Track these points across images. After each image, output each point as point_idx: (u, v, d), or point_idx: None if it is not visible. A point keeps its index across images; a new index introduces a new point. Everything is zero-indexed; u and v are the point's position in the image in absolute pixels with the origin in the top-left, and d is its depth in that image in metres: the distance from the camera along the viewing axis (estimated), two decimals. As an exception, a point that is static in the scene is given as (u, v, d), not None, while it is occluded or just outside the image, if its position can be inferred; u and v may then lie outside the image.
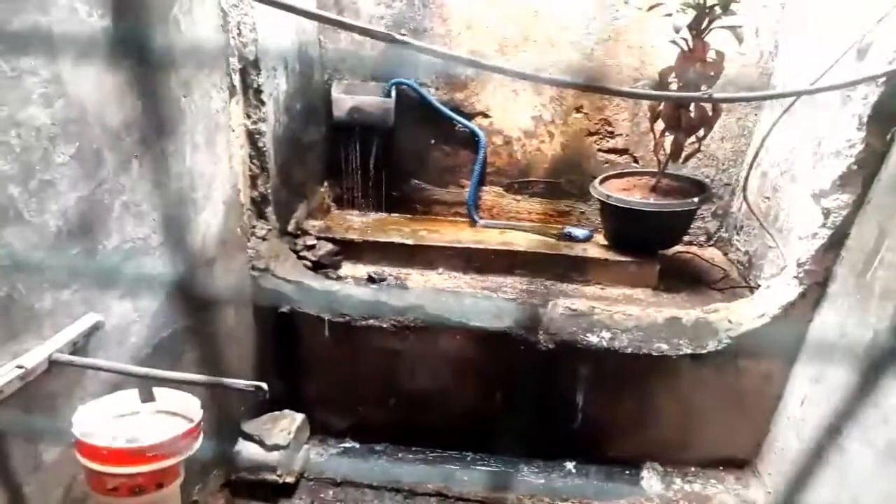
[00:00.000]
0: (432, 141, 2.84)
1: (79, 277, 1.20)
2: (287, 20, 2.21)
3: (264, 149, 2.00)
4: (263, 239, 2.18)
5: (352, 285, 2.28)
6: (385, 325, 2.14)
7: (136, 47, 1.25)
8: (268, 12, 1.81)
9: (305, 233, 2.51)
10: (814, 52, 2.09)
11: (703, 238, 2.87)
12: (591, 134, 2.75)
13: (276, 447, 2.03)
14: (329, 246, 2.48)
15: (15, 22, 0.98)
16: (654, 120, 2.26)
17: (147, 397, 1.15)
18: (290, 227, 2.46)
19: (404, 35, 1.26)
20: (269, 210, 2.14)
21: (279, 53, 2.10)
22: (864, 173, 1.77)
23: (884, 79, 1.60)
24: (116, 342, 1.34)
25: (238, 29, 1.73)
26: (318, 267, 2.40)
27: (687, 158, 2.34)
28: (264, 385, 1.13)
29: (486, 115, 2.77)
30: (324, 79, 2.67)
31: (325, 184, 2.86)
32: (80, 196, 1.17)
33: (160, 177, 1.38)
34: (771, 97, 2.32)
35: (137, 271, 1.39)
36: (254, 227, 2.12)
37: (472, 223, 2.90)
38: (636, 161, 2.77)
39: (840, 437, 1.78)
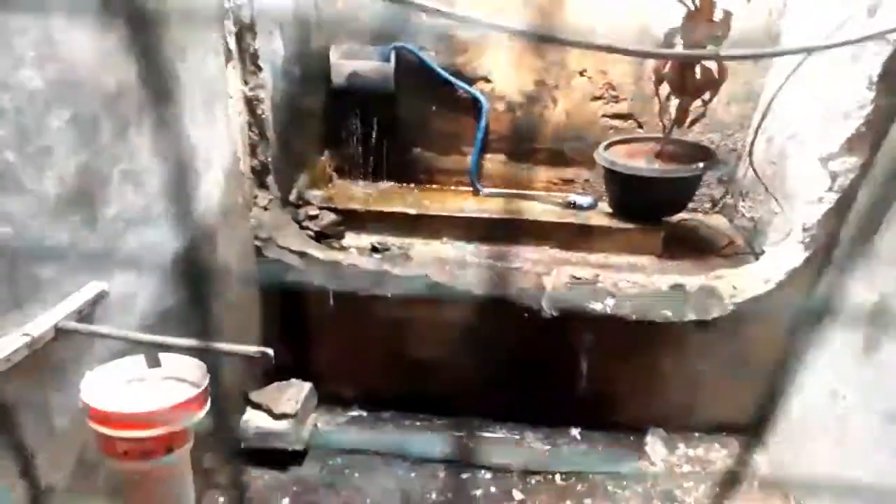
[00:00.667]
0: (433, 107, 2.80)
1: (81, 246, 1.20)
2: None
3: (263, 116, 1.97)
4: (265, 209, 2.17)
5: (356, 255, 2.28)
6: (389, 295, 2.14)
7: (126, 7, 1.22)
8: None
9: (307, 203, 2.50)
10: (823, 11, 2.03)
11: (708, 205, 2.85)
12: (595, 98, 2.70)
13: (285, 416, 2.05)
14: (332, 216, 2.46)
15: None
16: (658, 83, 2.22)
17: (153, 363, 1.15)
18: (292, 197, 2.44)
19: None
20: (270, 179, 2.13)
21: (275, 16, 2.05)
22: (872, 135, 1.75)
23: (894, 35, 1.56)
24: (121, 311, 1.34)
25: (232, -10, 1.69)
26: (321, 237, 2.39)
27: (692, 123, 2.31)
28: (270, 350, 1.13)
29: (487, 80, 2.72)
30: (322, 43, 2.62)
31: (326, 153, 2.83)
32: (79, 163, 1.16)
33: (158, 144, 1.36)
34: (779, 54, 2.27)
35: (140, 241, 1.38)
36: (255, 196, 2.11)
37: (476, 192, 2.87)
38: (641, 126, 2.73)
39: (843, 401, 1.79)
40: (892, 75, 1.65)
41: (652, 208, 2.49)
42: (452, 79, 2.67)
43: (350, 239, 2.51)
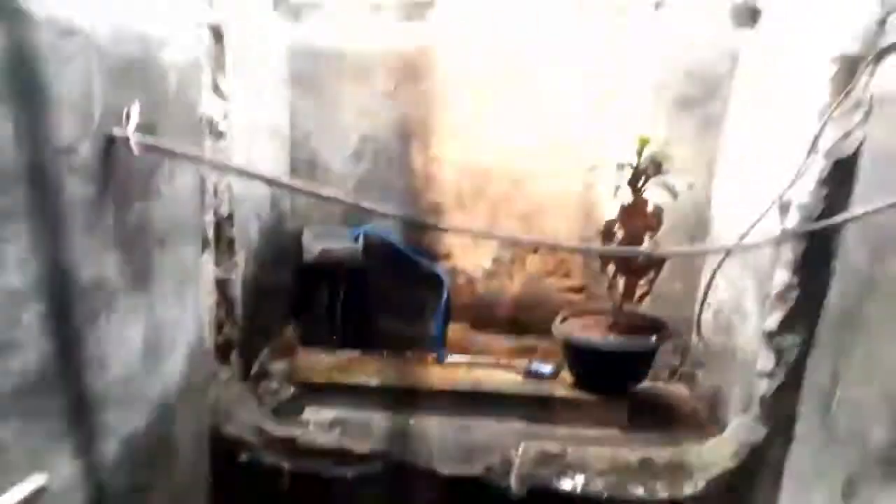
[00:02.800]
0: (399, 281, 2.93)
1: (29, 436, 1.15)
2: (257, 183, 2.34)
3: (233, 296, 2.03)
4: (226, 384, 2.14)
5: (314, 431, 2.21)
6: (349, 475, 2.05)
7: (115, 213, 1.32)
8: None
9: (269, 376, 2.47)
10: (743, 204, 2.31)
11: (667, 373, 2.92)
12: (549, 273, 2.89)
13: None
14: (292, 389, 2.44)
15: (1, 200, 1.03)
16: (605, 264, 2.41)
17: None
18: (254, 371, 2.42)
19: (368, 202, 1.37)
20: (234, 355, 2.13)
21: (253, 206, 2.21)
22: (807, 314, 1.87)
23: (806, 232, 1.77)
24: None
25: (214, 188, 1.85)
26: (280, 412, 2.34)
27: (641, 298, 2.46)
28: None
29: (448, 258, 2.91)
30: (295, 225, 2.80)
31: (292, 324, 2.87)
32: (43, 353, 1.16)
33: (125, 330, 1.38)
34: (701, 252, 2.54)
35: (91, 427, 1.34)
36: (216, 373, 2.09)
37: (439, 360, 2.90)
38: (594, 298, 2.88)
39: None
40: (813, 261, 1.83)
41: (612, 379, 2.54)
42: (416, 257, 2.85)
43: (310, 413, 2.45)
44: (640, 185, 2.22)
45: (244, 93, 2.16)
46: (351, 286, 2.87)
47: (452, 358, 2.89)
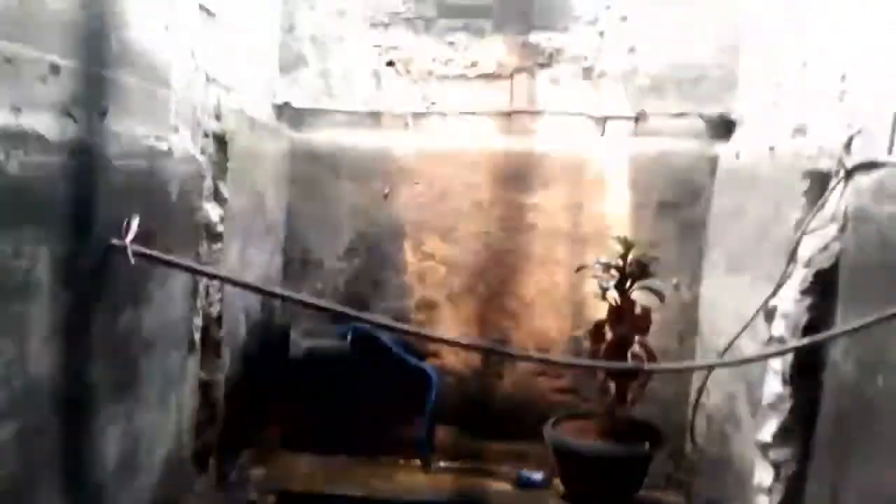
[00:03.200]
0: (386, 380, 2.87)
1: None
2: (251, 279, 2.35)
3: (216, 397, 1.97)
4: (201, 495, 2.02)
5: (292, 548, 2.07)
6: None
7: (105, 321, 1.30)
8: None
9: (247, 483, 2.35)
10: (731, 303, 2.34)
11: (663, 481, 2.81)
12: (538, 374, 2.85)
13: None
14: (272, 499, 2.31)
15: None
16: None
17: None
18: (233, 477, 2.31)
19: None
20: (211, 462, 2.03)
21: (243, 304, 2.20)
22: (801, 427, 1.83)
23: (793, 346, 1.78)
24: None
25: (206, 290, 1.85)
26: (257, 524, 2.21)
27: (633, 402, 2.42)
28: None
29: (437, 356, 2.88)
30: (283, 322, 2.78)
31: (276, 424, 2.77)
32: (10, 473, 1.11)
33: (102, 443, 1.33)
34: (688, 368, 2.54)
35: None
36: (192, 482, 1.98)
37: (427, 465, 2.78)
38: (586, 400, 2.83)
39: None
40: (804, 373, 1.81)
41: (606, 488, 2.44)
42: (404, 355, 2.81)
43: (289, 526, 2.31)
44: (626, 287, 2.25)
45: (243, 196, 2.22)
46: (338, 384, 2.80)
47: (440, 464, 2.78)
